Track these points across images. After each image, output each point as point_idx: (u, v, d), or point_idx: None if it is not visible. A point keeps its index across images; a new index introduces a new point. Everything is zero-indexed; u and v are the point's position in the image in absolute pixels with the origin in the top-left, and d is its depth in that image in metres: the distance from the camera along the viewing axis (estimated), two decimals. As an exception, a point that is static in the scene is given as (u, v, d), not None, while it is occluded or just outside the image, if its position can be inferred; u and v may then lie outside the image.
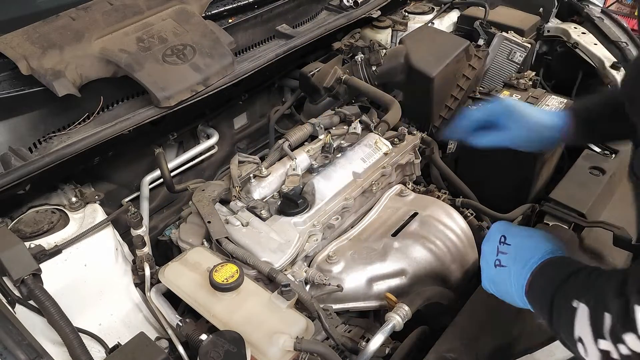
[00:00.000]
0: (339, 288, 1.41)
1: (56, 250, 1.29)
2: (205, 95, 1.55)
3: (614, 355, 0.81)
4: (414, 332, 1.33)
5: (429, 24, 2.36)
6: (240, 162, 1.70)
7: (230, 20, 1.81)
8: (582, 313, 0.86)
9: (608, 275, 0.89)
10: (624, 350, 0.79)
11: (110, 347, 1.26)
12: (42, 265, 1.22)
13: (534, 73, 2.18)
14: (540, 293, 1.01)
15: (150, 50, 1.50)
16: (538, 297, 1.02)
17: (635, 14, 5.26)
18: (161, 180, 1.80)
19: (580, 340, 0.86)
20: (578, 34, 2.35)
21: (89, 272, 1.34)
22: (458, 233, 1.57)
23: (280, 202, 1.55)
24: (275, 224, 1.47)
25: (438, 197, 1.76)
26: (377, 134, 1.76)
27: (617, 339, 0.80)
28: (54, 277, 1.26)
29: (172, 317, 1.29)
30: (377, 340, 1.22)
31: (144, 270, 1.38)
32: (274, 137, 2.21)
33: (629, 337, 0.78)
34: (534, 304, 1.04)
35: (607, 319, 0.81)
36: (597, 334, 0.83)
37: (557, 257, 1.04)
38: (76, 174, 1.57)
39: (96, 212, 1.43)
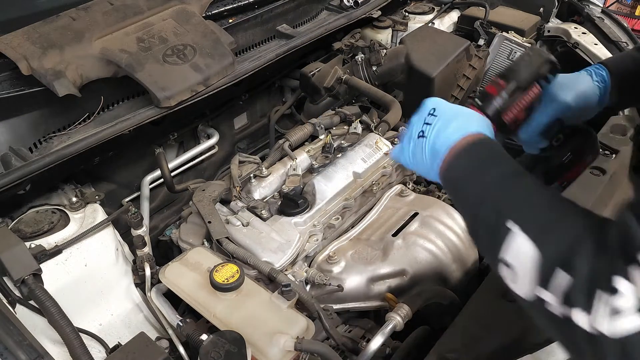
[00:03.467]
0: (339, 288, 1.41)
1: (56, 250, 1.29)
2: (206, 95, 1.55)
3: (553, 309, 0.68)
4: (414, 332, 1.33)
5: (429, 24, 2.36)
6: (240, 162, 1.70)
7: (230, 21, 1.81)
8: (523, 245, 0.71)
9: (576, 214, 0.73)
10: (579, 318, 0.64)
11: (110, 347, 1.27)
12: (42, 265, 1.23)
13: (534, 73, 2.18)
14: (460, 178, 0.88)
15: (150, 51, 1.50)
16: (456, 183, 0.89)
17: (637, 13, 5.26)
18: (161, 180, 1.80)
19: (507, 264, 0.74)
20: (578, 34, 2.35)
21: (90, 272, 1.34)
22: (458, 233, 1.57)
23: (280, 202, 1.55)
24: (275, 224, 1.47)
25: (438, 197, 1.76)
26: (378, 134, 1.76)
27: (575, 304, 0.65)
28: (55, 277, 1.26)
29: (173, 317, 1.29)
30: (377, 341, 1.22)
31: (144, 270, 1.38)
32: (274, 137, 2.21)
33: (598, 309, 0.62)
34: (449, 189, 0.92)
35: (564, 279, 0.66)
36: (543, 283, 0.68)
37: (486, 137, 0.89)
38: (76, 174, 1.57)
39: (96, 212, 1.43)
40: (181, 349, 1.28)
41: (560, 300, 0.67)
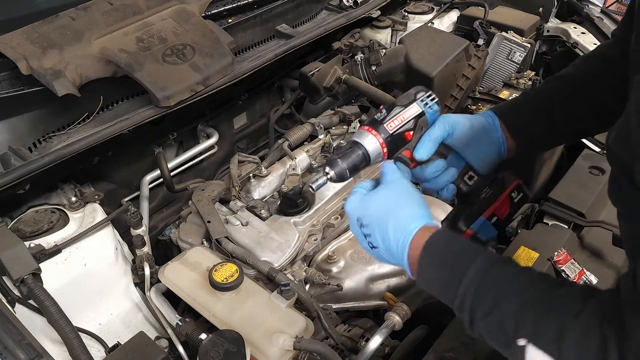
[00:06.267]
0: (338, 287, 1.41)
1: (56, 250, 1.29)
2: (205, 95, 1.55)
3: None
4: (413, 331, 1.33)
5: (429, 24, 2.36)
6: (240, 161, 1.70)
7: (230, 20, 1.81)
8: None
9: (564, 310, 0.71)
10: None
11: (110, 346, 1.27)
12: (41, 265, 1.23)
13: (533, 73, 2.18)
14: (437, 293, 0.86)
15: (150, 50, 1.50)
16: (437, 286, 0.87)
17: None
18: (161, 180, 1.80)
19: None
20: (578, 33, 2.35)
21: (89, 271, 1.34)
22: (457, 233, 1.57)
23: (280, 201, 1.55)
24: (275, 224, 1.47)
25: (437, 197, 1.76)
26: (377, 133, 1.76)
27: None
28: (54, 276, 1.27)
29: (172, 317, 1.29)
30: (376, 340, 1.22)
31: (143, 269, 1.38)
32: (273, 136, 2.21)
33: None
34: (431, 290, 0.89)
35: None
36: None
37: (435, 232, 0.90)
38: (76, 174, 1.57)
39: (96, 212, 1.43)
40: (180, 349, 1.28)
41: None
